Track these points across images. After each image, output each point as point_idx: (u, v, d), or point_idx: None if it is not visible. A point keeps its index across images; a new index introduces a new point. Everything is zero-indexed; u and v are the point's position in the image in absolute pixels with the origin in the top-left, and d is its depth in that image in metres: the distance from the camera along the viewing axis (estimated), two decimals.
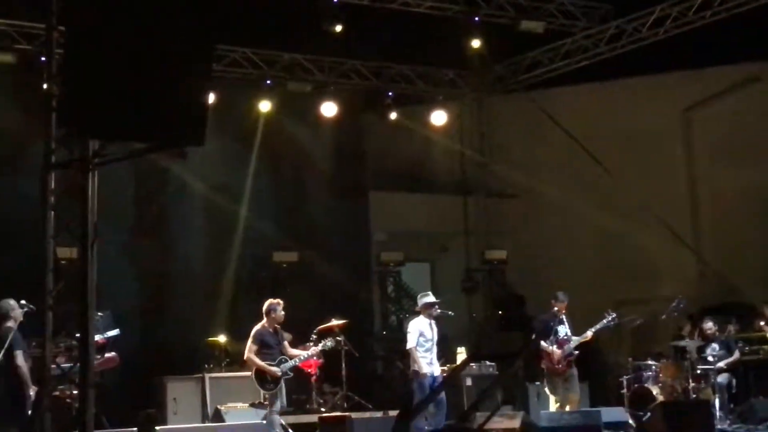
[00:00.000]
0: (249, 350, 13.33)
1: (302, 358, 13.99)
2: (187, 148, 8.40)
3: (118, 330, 13.59)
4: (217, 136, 8.60)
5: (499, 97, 19.70)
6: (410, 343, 14.14)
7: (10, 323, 12.48)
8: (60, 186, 9.43)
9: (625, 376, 15.67)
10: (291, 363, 13.60)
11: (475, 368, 16.28)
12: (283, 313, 13.57)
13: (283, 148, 18.73)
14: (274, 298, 14.56)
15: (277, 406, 13.41)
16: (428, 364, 13.95)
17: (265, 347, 13.40)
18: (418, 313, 14.53)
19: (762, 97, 18.82)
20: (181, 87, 8.26)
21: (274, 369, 13.30)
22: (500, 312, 13.58)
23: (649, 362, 15.83)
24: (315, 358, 14.76)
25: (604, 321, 14.94)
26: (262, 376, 13.26)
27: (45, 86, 9.73)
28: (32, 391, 12.21)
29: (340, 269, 18.57)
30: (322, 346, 14.26)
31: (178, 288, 17.66)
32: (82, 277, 9.05)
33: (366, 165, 19.98)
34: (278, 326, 13.50)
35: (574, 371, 14.92)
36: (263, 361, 13.24)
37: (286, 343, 13.70)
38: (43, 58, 15.14)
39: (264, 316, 13.55)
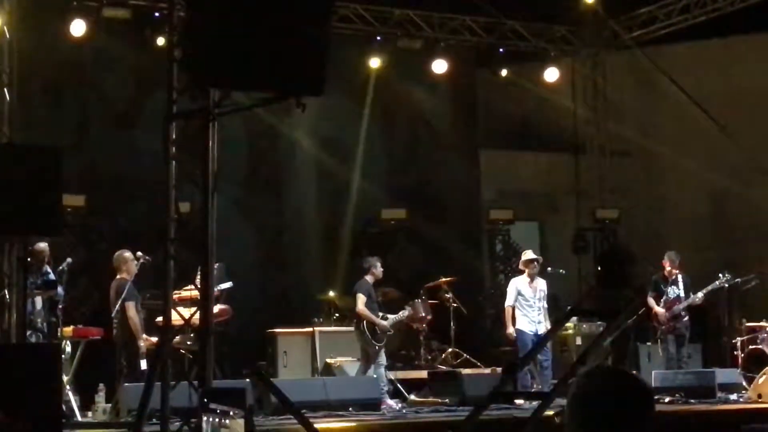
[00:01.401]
0: (360, 301, 13.48)
1: (399, 317, 14.09)
2: (305, 100, 8.41)
3: (230, 282, 13.76)
4: (327, 92, 8.60)
5: (613, 54, 19.33)
6: (507, 302, 14.17)
7: (125, 275, 12.80)
8: (180, 138, 9.55)
9: (739, 338, 15.39)
10: (394, 318, 13.72)
11: (585, 328, 16.18)
12: (381, 269, 13.70)
13: (394, 104, 18.72)
14: (383, 255, 14.70)
15: (383, 359, 13.53)
16: (530, 322, 13.92)
17: (371, 301, 13.57)
18: (522, 272, 14.50)
19: None
20: (301, 37, 8.29)
21: (384, 323, 13.42)
22: (600, 268, 13.32)
23: (764, 324, 15.52)
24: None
25: (716, 283, 14.75)
26: (373, 330, 13.38)
27: (165, 38, 9.85)
28: (142, 342, 12.52)
29: (450, 227, 18.54)
30: (399, 316, 14.25)
31: (291, 243, 17.85)
32: (202, 228, 9.18)
33: (478, 122, 19.85)
34: (376, 283, 13.69)
35: (686, 332, 14.74)
36: (372, 314, 13.38)
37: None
38: (157, 14, 15.58)
39: (364, 271, 13.68)
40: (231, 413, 5.70)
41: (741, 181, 18.23)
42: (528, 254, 14.43)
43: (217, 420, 5.76)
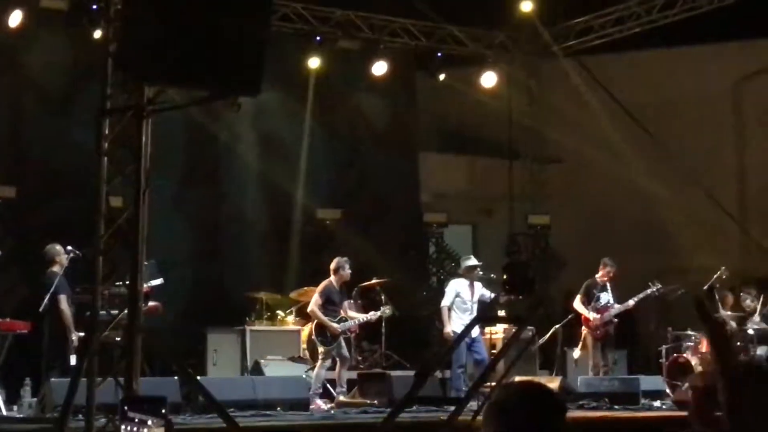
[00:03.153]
0: (314, 303, 13.55)
1: (361, 320, 14.16)
2: (241, 99, 8.42)
3: (161, 279, 13.70)
4: (267, 90, 8.63)
5: (550, 62, 19.54)
6: (444, 302, 14.26)
7: (56, 268, 12.73)
8: (113, 132, 9.50)
9: (664, 346, 15.62)
10: (350, 323, 13.80)
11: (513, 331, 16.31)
12: (350, 271, 13.74)
13: (333, 104, 18.76)
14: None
15: (328, 362, 13.58)
16: (464, 325, 14.01)
17: (329, 303, 13.62)
18: (461, 276, 14.61)
19: None
20: (239, 35, 8.30)
21: (335, 326, 13.48)
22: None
23: (689, 332, 15.78)
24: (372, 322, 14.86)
25: (648, 291, 14.98)
26: (322, 331, 13.44)
27: (101, 32, 9.79)
28: (74, 336, 12.44)
29: (388, 228, 18.61)
30: (381, 313, 14.41)
31: (226, 240, 17.79)
32: (133, 225, 9.15)
33: (416, 125, 19.96)
34: (343, 285, 13.70)
35: (612, 339, 14.97)
36: (326, 316, 13.42)
37: (345, 303, 13.90)
38: (94, 6, 15.43)
39: (332, 273, 13.72)
40: (150, 422, 5.70)
41: (671, 190, 18.51)
42: (470, 261, 14.53)
43: (135, 429, 5.76)
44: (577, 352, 15.48)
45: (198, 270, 17.07)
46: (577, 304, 15.14)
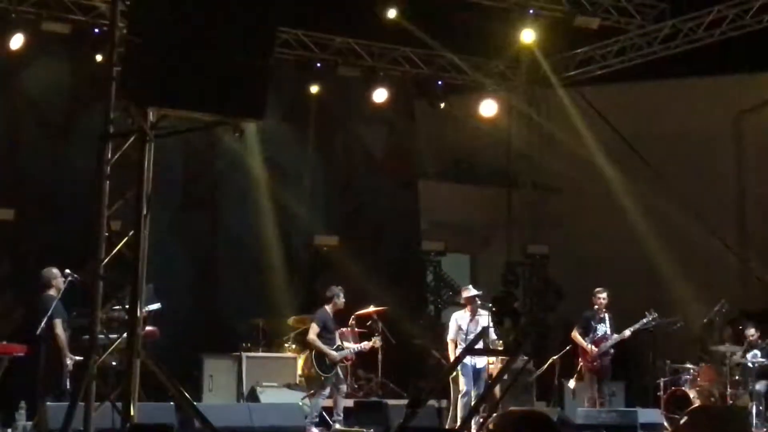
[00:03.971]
0: (313, 332, 13.51)
1: (355, 349, 14.12)
2: (244, 125, 8.43)
3: (159, 304, 13.64)
4: (267, 116, 8.63)
5: (550, 91, 19.57)
6: (449, 336, 14.25)
7: (52, 291, 12.66)
8: (115, 156, 9.46)
9: (662, 378, 15.57)
10: (347, 351, 13.75)
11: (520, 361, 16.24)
12: (344, 300, 13.73)
13: (333, 130, 18.79)
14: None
15: (327, 391, 13.52)
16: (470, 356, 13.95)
17: (326, 331, 13.57)
18: (459, 305, 14.58)
19: None
20: (242, 61, 8.29)
21: (334, 354, 13.44)
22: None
23: (687, 365, 15.75)
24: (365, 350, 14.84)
25: (644, 321, 14.93)
26: (321, 360, 13.38)
27: (103, 56, 9.77)
28: (69, 360, 12.37)
29: (385, 256, 18.58)
30: (372, 343, 14.40)
31: (224, 265, 17.75)
32: (133, 249, 9.09)
33: (415, 152, 19.96)
34: (337, 313, 13.70)
35: (608, 371, 14.90)
36: (323, 345, 13.38)
37: (338, 331, 13.89)
38: (96, 30, 15.46)
39: (326, 301, 13.69)
40: None
41: (671, 222, 18.50)
42: (470, 290, 14.45)
43: None
44: (572, 383, 15.41)
45: (195, 295, 17.01)
46: (575, 335, 15.09)
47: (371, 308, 15.98)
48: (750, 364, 15.19)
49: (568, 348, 15.46)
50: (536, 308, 19.11)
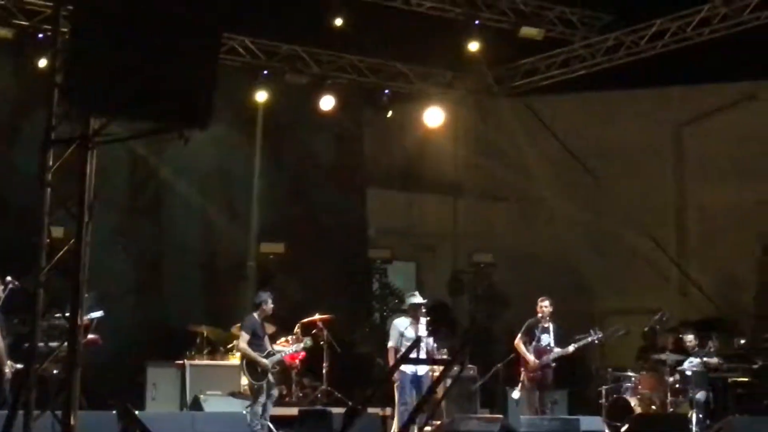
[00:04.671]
0: (242, 339, 13.35)
1: (286, 352, 14.04)
2: (188, 132, 8.37)
3: (101, 312, 13.55)
4: (214, 123, 8.58)
5: (495, 101, 19.72)
6: (390, 342, 14.15)
7: None
8: (57, 163, 9.38)
9: (604, 386, 15.70)
10: (278, 356, 13.65)
11: (456, 369, 16.27)
12: (272, 305, 13.60)
13: (281, 138, 18.77)
14: (262, 289, 14.60)
15: (263, 398, 13.43)
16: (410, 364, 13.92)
17: (255, 338, 13.43)
18: (404, 312, 14.55)
19: (756, 116, 18.91)
20: (187, 68, 8.24)
21: (265, 361, 13.32)
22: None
23: (629, 373, 15.87)
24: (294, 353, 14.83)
25: (588, 339, 14.90)
26: (252, 367, 13.27)
27: (47, 62, 9.69)
28: (8, 369, 12.22)
29: (333, 263, 18.58)
30: (304, 345, 14.32)
31: (168, 272, 17.67)
32: (74, 257, 9.02)
33: (363, 160, 20.00)
34: (266, 319, 13.58)
35: (549, 381, 14.94)
36: (254, 351, 13.28)
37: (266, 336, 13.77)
38: (40, 35, 15.32)
39: (254, 307, 13.59)
40: None
41: (614, 233, 18.69)
42: (415, 298, 14.32)
43: None
44: (516, 393, 15.43)
45: (139, 303, 16.91)
46: (518, 343, 15.04)
47: (316, 316, 15.98)
48: (689, 372, 15.35)
49: (512, 356, 15.53)
50: (481, 316, 19.19)
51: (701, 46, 16.98)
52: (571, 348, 14.81)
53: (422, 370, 13.85)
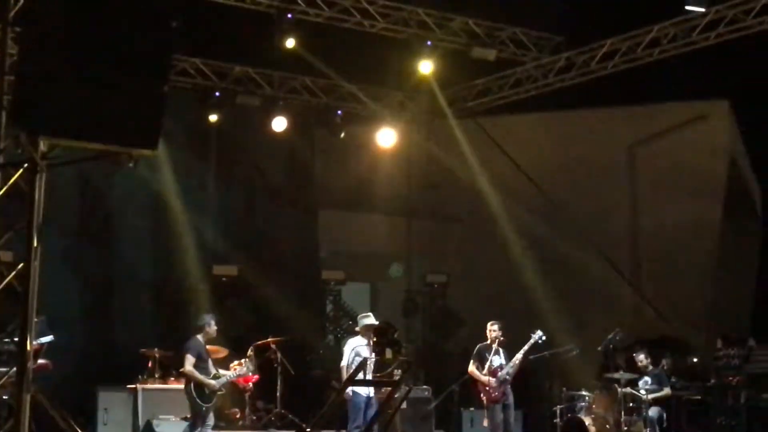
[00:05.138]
0: (188, 362, 13.18)
1: (230, 376, 13.89)
2: (138, 154, 8.29)
3: (51, 336, 13.33)
4: (166, 145, 8.52)
5: (448, 122, 19.77)
6: (343, 362, 14.03)
7: None
8: (5, 186, 9.25)
9: (558, 406, 15.71)
10: (224, 378, 13.51)
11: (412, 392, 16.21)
12: (216, 327, 13.47)
13: (233, 159, 18.69)
14: (212, 311, 14.45)
15: (212, 420, 13.29)
16: (363, 385, 13.82)
17: (200, 360, 13.28)
18: (357, 333, 14.46)
19: (707, 135, 19.12)
20: (136, 89, 8.16)
21: (213, 383, 13.18)
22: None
23: (583, 392, 15.89)
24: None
25: (531, 342, 14.76)
26: (200, 390, 13.11)
27: None
28: None
29: (285, 285, 18.47)
30: (245, 367, 14.14)
31: (119, 296, 17.49)
32: (23, 281, 8.88)
33: (315, 181, 19.96)
34: (209, 341, 13.45)
35: (511, 399, 14.86)
36: (200, 375, 13.13)
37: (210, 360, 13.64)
38: None
39: (197, 330, 13.44)
40: None
41: (568, 252, 18.75)
42: (368, 319, 14.21)
43: None
44: (485, 422, 15.23)
45: (89, 327, 16.72)
46: (472, 370, 14.87)
47: (270, 338, 15.87)
48: (642, 391, 15.40)
49: (466, 377, 15.47)
50: (435, 336, 19.17)
51: (652, 66, 17.12)
52: (519, 355, 14.52)
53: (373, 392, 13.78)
